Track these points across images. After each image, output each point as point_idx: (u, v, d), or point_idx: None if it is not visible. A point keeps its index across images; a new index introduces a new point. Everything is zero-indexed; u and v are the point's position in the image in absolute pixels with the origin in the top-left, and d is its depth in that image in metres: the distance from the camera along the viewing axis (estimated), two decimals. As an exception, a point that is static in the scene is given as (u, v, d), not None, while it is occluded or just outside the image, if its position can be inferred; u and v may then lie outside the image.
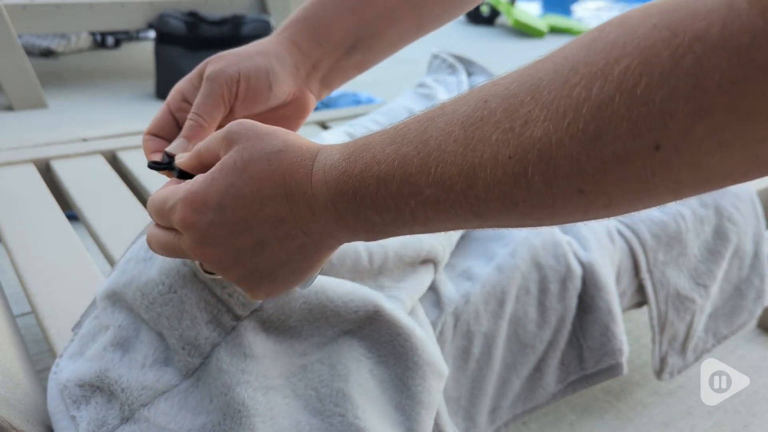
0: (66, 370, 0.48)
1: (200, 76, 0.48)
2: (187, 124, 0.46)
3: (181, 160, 0.43)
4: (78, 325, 0.53)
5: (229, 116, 0.48)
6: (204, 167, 0.40)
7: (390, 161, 0.32)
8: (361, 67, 0.55)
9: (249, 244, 0.37)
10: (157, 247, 0.41)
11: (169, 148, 0.46)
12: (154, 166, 0.46)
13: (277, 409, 0.45)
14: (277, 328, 0.49)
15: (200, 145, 0.41)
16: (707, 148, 0.23)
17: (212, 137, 0.40)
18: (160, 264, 0.48)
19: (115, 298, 0.50)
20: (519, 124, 0.26)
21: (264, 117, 0.51)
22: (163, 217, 0.39)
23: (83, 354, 0.49)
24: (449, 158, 0.29)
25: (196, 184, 0.37)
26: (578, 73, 0.25)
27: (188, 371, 0.46)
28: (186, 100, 0.49)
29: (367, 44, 0.53)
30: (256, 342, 0.47)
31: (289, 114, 0.53)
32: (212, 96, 0.46)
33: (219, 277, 0.43)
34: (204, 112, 0.46)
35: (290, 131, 0.38)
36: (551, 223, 0.29)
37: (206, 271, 0.45)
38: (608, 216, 0.28)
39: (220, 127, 0.47)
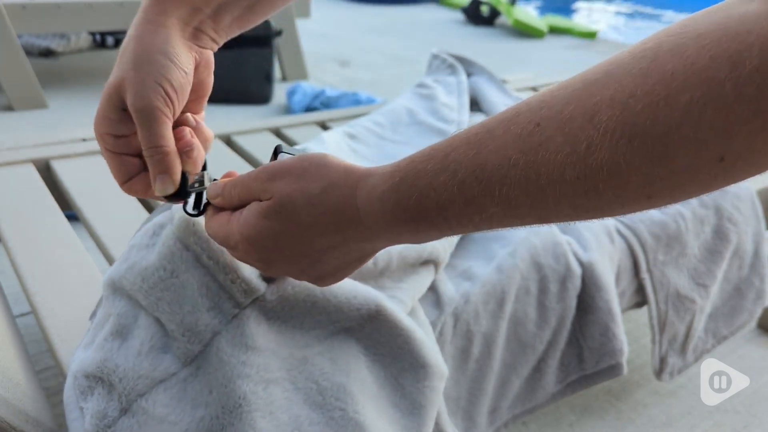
0: (77, 359, 0.48)
1: (115, 109, 0.44)
2: (155, 159, 0.44)
3: (215, 194, 0.44)
4: (93, 315, 0.53)
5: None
6: (241, 203, 0.42)
7: (449, 188, 0.34)
8: (245, 22, 0.52)
9: (307, 262, 0.41)
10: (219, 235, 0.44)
11: (159, 192, 0.44)
12: (191, 213, 0.46)
13: (277, 403, 0.45)
14: (279, 318, 0.48)
15: (235, 182, 0.42)
16: (765, 151, 0.26)
17: (249, 176, 0.41)
18: (161, 249, 0.47)
19: (115, 287, 0.49)
20: (582, 148, 0.29)
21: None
22: (226, 245, 0.43)
23: (94, 343, 0.49)
24: (512, 182, 0.32)
25: (249, 227, 0.40)
26: (639, 101, 0.27)
27: (187, 359, 0.45)
28: (120, 136, 0.45)
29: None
30: (258, 332, 0.47)
31: (202, 78, 0.50)
32: (155, 124, 0.43)
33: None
34: (160, 141, 0.43)
35: (324, 160, 0.40)
36: (613, 214, 0.32)
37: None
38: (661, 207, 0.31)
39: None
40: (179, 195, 0.45)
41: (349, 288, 0.50)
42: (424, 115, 0.95)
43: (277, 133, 1.10)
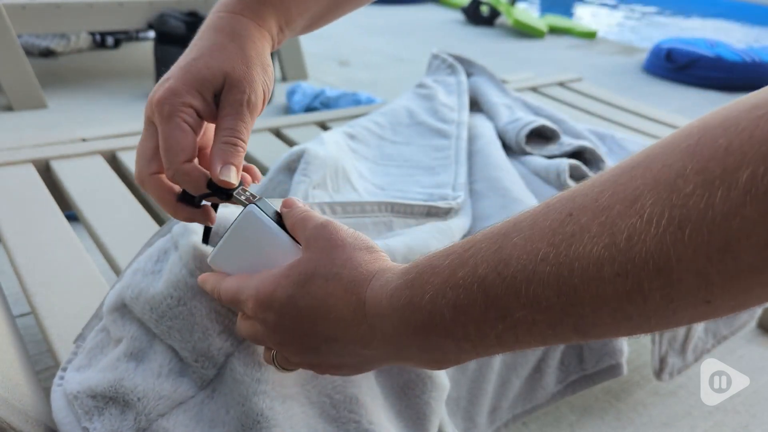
0: (73, 381, 0.47)
1: (209, 91, 0.43)
2: (236, 149, 0.43)
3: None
4: (80, 338, 0.52)
5: None
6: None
7: (467, 286, 0.30)
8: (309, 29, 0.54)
9: (312, 345, 0.39)
10: (244, 332, 0.43)
11: (224, 176, 0.42)
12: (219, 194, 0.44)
13: (296, 418, 0.45)
14: None
15: (297, 217, 0.42)
16: None
17: (306, 225, 0.41)
18: (167, 277, 0.47)
19: (124, 311, 0.49)
20: (623, 238, 0.25)
21: None
22: (238, 306, 0.42)
23: (91, 366, 0.49)
24: (541, 279, 0.27)
25: (266, 283, 0.39)
26: (690, 182, 0.23)
27: (203, 383, 0.46)
28: (200, 115, 0.44)
29: (323, 19, 0.54)
30: None
31: None
32: (251, 120, 0.44)
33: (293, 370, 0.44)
34: (247, 135, 0.44)
35: (361, 245, 0.39)
36: (663, 330, 0.28)
37: (281, 367, 0.44)
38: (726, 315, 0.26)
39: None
40: (194, 203, 0.44)
41: None
42: (424, 115, 0.95)
43: (277, 133, 1.10)
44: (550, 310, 0.28)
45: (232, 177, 0.42)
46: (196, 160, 0.43)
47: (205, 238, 0.47)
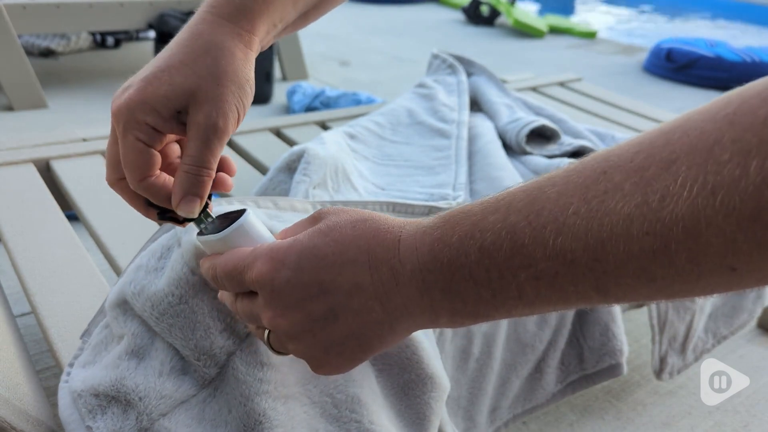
0: (78, 378, 0.47)
1: (170, 109, 0.40)
2: (197, 179, 0.41)
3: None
4: (86, 333, 0.52)
5: None
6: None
7: (496, 230, 0.30)
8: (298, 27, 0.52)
9: (321, 311, 0.35)
10: (240, 309, 0.40)
11: (183, 213, 0.41)
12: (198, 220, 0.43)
13: (297, 418, 0.45)
14: None
15: (287, 231, 0.41)
16: None
17: (299, 223, 0.40)
18: (169, 274, 0.47)
19: (125, 307, 0.49)
20: (655, 199, 0.25)
21: None
22: (235, 276, 0.38)
23: (96, 363, 0.49)
24: (570, 231, 0.28)
25: (278, 244, 0.37)
26: (726, 150, 0.24)
27: (204, 381, 0.46)
28: (158, 130, 0.41)
29: (306, 18, 0.51)
30: None
31: None
32: (218, 145, 0.41)
33: (288, 355, 0.41)
34: (213, 163, 0.41)
35: (377, 213, 0.38)
36: (686, 297, 0.28)
37: (274, 350, 0.40)
38: (753, 288, 0.27)
39: None
40: (177, 218, 0.43)
41: None
42: (424, 115, 0.95)
43: (277, 133, 1.10)
44: (574, 264, 0.28)
45: (194, 210, 0.41)
46: (160, 172, 0.42)
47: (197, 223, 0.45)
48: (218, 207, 0.52)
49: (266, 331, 0.39)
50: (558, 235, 0.28)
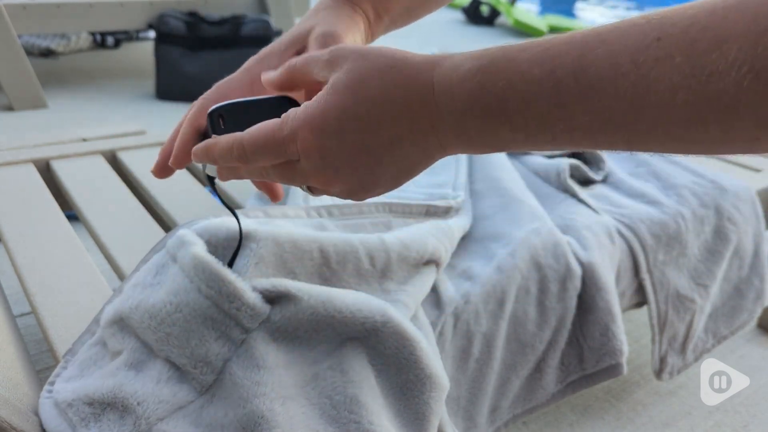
0: (66, 390, 0.47)
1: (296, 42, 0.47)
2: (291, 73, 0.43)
3: (268, 76, 0.43)
4: (70, 353, 0.52)
5: None
6: (292, 86, 0.41)
7: (542, 83, 0.31)
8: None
9: (368, 165, 0.37)
10: (275, 175, 0.40)
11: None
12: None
13: (296, 419, 0.45)
14: (286, 338, 0.49)
15: (294, 61, 0.41)
16: None
17: (310, 58, 0.40)
18: (168, 286, 0.48)
19: (122, 324, 0.50)
20: (704, 74, 0.27)
21: None
22: (273, 149, 0.38)
23: (84, 377, 0.49)
24: (616, 92, 0.29)
25: (311, 108, 0.37)
26: None
27: (202, 389, 0.46)
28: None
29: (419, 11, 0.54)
30: (268, 352, 0.47)
31: None
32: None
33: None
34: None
35: (397, 48, 0.38)
36: (706, 154, 0.31)
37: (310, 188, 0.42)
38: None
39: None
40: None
41: (353, 300, 0.50)
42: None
43: (277, 133, 1.10)
44: (612, 121, 0.30)
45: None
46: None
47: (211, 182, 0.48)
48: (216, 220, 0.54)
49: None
50: (602, 97, 0.29)
